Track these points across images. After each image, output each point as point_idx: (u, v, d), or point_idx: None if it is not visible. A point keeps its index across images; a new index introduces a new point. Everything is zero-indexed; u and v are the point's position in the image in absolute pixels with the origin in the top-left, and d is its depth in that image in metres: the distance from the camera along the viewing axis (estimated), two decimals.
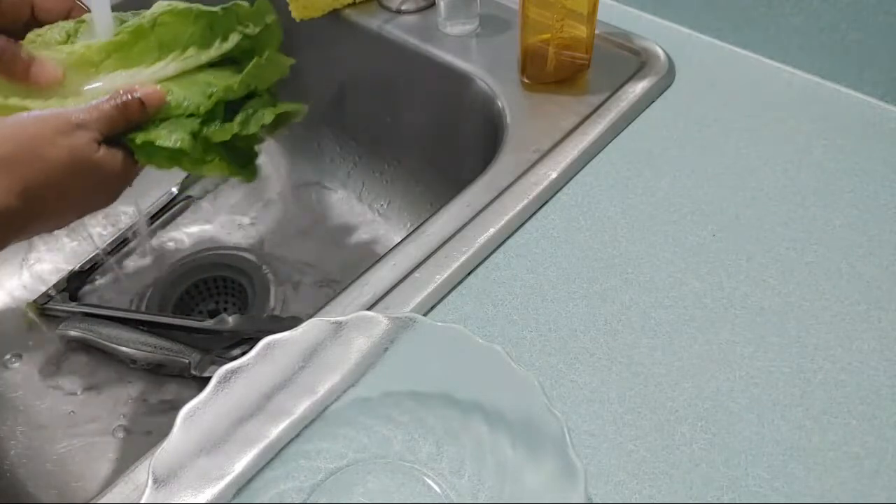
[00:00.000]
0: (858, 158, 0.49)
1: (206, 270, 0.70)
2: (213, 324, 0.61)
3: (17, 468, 0.55)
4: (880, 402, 0.37)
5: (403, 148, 0.71)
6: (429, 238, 0.45)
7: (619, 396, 0.38)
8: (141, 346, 0.59)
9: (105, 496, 0.35)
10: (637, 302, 0.42)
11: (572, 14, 0.51)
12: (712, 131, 0.52)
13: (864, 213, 0.46)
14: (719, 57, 0.59)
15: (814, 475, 0.34)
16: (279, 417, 0.35)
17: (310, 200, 0.76)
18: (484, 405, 0.35)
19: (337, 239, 0.72)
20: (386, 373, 0.36)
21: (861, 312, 0.41)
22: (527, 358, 0.39)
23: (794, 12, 0.54)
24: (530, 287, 0.43)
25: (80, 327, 0.61)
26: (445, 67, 0.60)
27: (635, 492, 0.34)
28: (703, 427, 0.36)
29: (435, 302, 0.42)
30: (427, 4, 0.65)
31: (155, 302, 0.67)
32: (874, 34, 0.51)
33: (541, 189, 0.48)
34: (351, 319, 0.35)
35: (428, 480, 0.36)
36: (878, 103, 0.53)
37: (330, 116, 0.76)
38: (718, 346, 0.40)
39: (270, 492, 0.34)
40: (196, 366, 0.58)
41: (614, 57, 0.58)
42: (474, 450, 0.35)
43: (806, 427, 0.36)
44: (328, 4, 0.65)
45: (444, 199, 0.48)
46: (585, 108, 0.54)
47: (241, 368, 0.33)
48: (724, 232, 0.45)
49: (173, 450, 0.31)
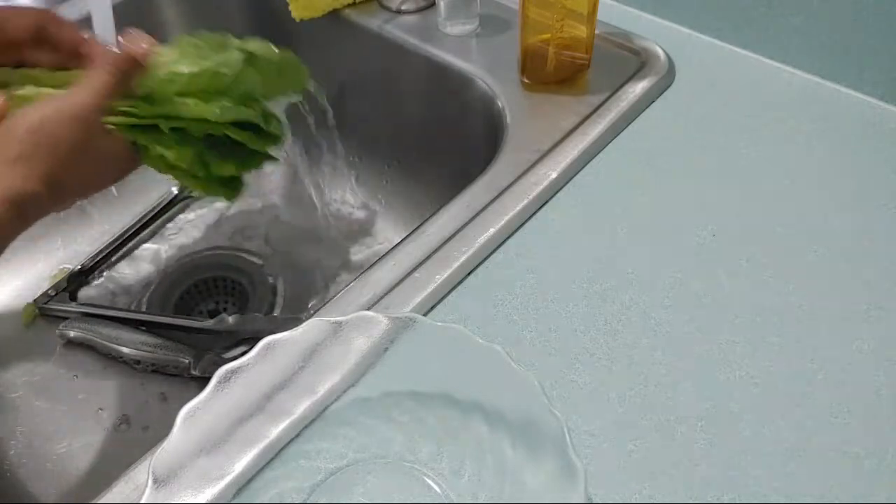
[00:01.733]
0: (858, 158, 0.49)
1: (206, 270, 0.70)
2: (213, 324, 0.61)
3: (17, 468, 0.55)
4: (880, 402, 0.37)
5: (403, 148, 0.71)
6: (429, 238, 0.45)
7: (619, 396, 0.38)
8: (141, 346, 0.59)
9: (105, 496, 0.35)
10: (637, 302, 0.42)
11: (572, 14, 0.51)
12: (712, 131, 0.52)
13: (864, 213, 0.46)
14: (719, 57, 0.59)
15: (814, 475, 0.34)
16: (279, 417, 0.35)
17: (310, 200, 0.76)
18: (484, 405, 0.35)
19: (337, 239, 0.72)
20: (386, 373, 0.36)
21: (861, 312, 0.41)
22: (527, 358, 0.39)
23: (794, 12, 0.54)
24: (530, 287, 0.43)
25: (80, 327, 0.61)
26: (445, 67, 0.60)
27: (635, 492, 0.34)
28: (703, 427, 0.36)
29: (435, 302, 0.42)
30: (427, 4, 0.65)
31: (155, 302, 0.67)
32: (874, 34, 0.51)
33: (541, 189, 0.48)
34: (351, 319, 0.35)
35: (428, 480, 0.36)
36: (878, 103, 0.53)
37: (330, 116, 0.76)
38: (718, 346, 0.40)
39: (270, 492, 0.34)
40: (196, 366, 0.58)
41: (614, 57, 0.58)
42: (474, 450, 0.35)
43: (806, 427, 0.36)
44: (328, 4, 0.65)
45: (444, 199, 0.48)
46: (585, 108, 0.54)
47: (241, 368, 0.33)
48: (724, 232, 0.45)
49: (173, 450, 0.31)
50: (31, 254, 0.70)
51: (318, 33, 0.69)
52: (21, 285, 0.68)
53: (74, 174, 0.39)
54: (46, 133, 0.37)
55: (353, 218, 0.74)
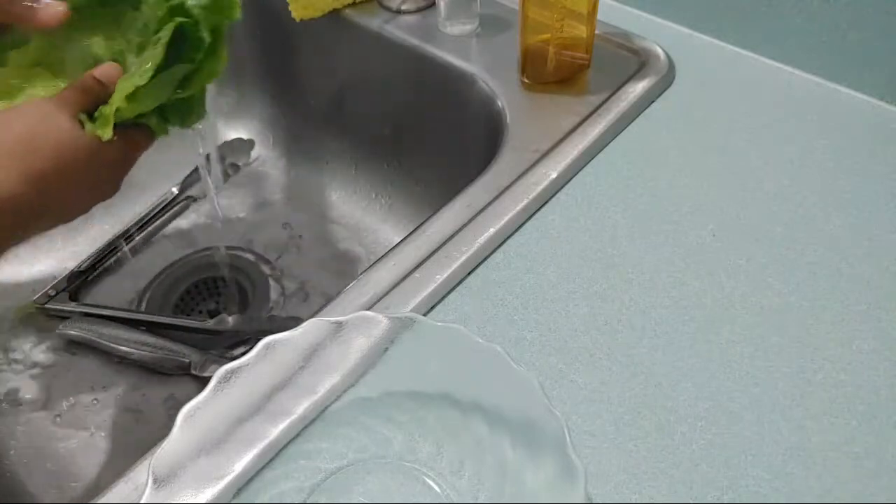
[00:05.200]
0: (858, 158, 0.49)
1: (206, 270, 0.70)
2: (213, 324, 0.61)
3: (17, 468, 0.55)
4: (880, 402, 0.37)
5: (403, 148, 0.71)
6: (429, 238, 0.45)
7: (619, 396, 0.38)
8: (141, 346, 0.59)
9: (105, 496, 0.35)
10: (637, 302, 0.42)
11: (572, 14, 0.51)
12: (712, 131, 0.52)
13: (864, 213, 0.46)
14: (719, 57, 0.59)
15: (814, 475, 0.34)
16: (279, 417, 0.35)
17: (309, 200, 0.76)
18: (484, 405, 0.35)
19: (337, 239, 0.72)
20: (386, 373, 0.36)
21: (861, 312, 0.41)
22: (527, 358, 0.39)
23: (794, 12, 0.54)
24: (530, 287, 0.43)
25: (80, 327, 0.61)
26: (445, 67, 0.60)
27: (635, 492, 0.34)
28: (703, 427, 0.36)
29: (435, 302, 0.42)
30: (427, 4, 0.65)
31: (155, 302, 0.67)
32: (874, 34, 0.51)
33: (541, 189, 0.48)
34: (351, 319, 0.35)
35: (428, 480, 0.36)
36: (878, 103, 0.53)
37: (330, 116, 0.76)
38: (718, 346, 0.40)
39: (270, 492, 0.34)
40: (196, 366, 0.58)
41: (614, 57, 0.58)
42: (474, 450, 0.35)
43: (806, 427, 0.36)
44: (328, 4, 0.65)
45: (444, 199, 0.48)
46: (585, 108, 0.54)
47: (241, 368, 0.33)
48: (724, 232, 0.45)
49: (173, 450, 0.31)
50: (31, 254, 0.70)
51: (318, 33, 0.69)
52: (21, 285, 0.68)
53: (59, 175, 0.38)
54: (24, 136, 0.37)
55: (353, 218, 0.74)
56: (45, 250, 0.70)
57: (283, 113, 0.80)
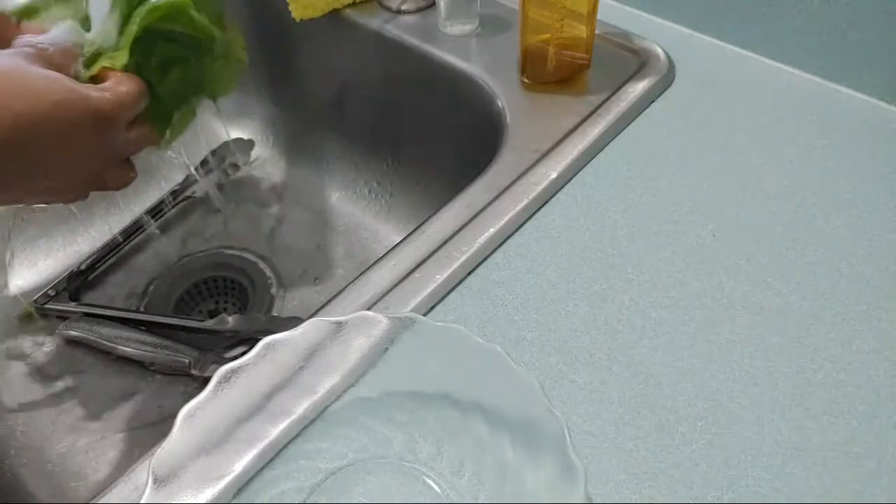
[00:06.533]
0: (858, 158, 0.49)
1: (206, 270, 0.70)
2: (213, 324, 0.61)
3: (17, 468, 0.55)
4: (880, 402, 0.37)
5: (403, 148, 0.71)
6: (429, 238, 0.45)
7: (619, 396, 0.38)
8: (141, 346, 0.59)
9: (105, 496, 0.35)
10: (637, 302, 0.42)
11: (572, 14, 0.51)
12: (712, 131, 0.52)
13: (864, 213, 0.46)
14: (719, 57, 0.59)
15: (814, 475, 0.34)
16: (279, 417, 0.35)
17: (309, 200, 0.76)
18: (484, 405, 0.35)
19: (337, 239, 0.72)
20: (386, 373, 0.36)
21: (861, 312, 0.41)
22: (527, 358, 0.39)
23: (794, 12, 0.54)
24: (530, 287, 0.43)
25: (80, 327, 0.61)
26: (445, 67, 0.60)
27: (635, 492, 0.34)
28: (703, 427, 0.36)
29: (435, 302, 0.42)
30: (427, 4, 0.65)
31: (155, 302, 0.67)
32: (874, 34, 0.51)
33: (541, 189, 0.48)
34: (351, 319, 0.35)
35: (428, 480, 0.36)
36: (878, 103, 0.53)
37: (330, 116, 0.76)
38: (718, 346, 0.40)
39: (270, 492, 0.34)
40: (196, 366, 0.58)
41: (614, 57, 0.58)
42: (474, 450, 0.35)
43: (806, 427, 0.36)
44: (328, 4, 0.65)
45: (444, 199, 0.48)
46: (585, 108, 0.54)
47: (241, 368, 0.33)
48: (724, 232, 0.45)
49: (173, 450, 0.31)
50: (31, 254, 0.70)
51: (318, 33, 0.69)
52: (21, 285, 0.68)
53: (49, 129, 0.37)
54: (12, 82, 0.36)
55: (353, 218, 0.74)
56: (45, 250, 0.70)
57: (283, 113, 0.80)
